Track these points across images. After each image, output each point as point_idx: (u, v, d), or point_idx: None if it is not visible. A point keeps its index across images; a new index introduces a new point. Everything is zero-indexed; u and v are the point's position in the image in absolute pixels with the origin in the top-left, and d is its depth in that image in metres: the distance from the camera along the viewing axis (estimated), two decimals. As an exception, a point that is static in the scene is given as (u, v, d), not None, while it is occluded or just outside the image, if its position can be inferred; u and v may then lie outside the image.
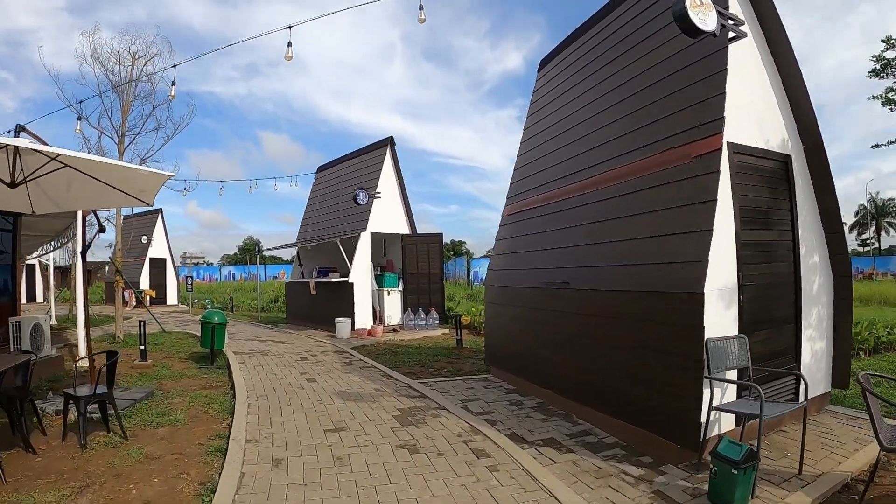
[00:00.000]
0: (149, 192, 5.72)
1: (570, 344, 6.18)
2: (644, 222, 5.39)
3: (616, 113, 6.35)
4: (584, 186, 6.53)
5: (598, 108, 6.73)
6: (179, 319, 19.35)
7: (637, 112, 5.97)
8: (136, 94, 13.56)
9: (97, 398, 5.40)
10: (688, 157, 5.09)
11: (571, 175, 6.90)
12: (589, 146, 6.71)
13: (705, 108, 5.05)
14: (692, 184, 4.96)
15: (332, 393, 7.08)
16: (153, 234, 26.45)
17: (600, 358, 5.66)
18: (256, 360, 9.66)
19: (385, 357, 10.19)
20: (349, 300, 13.44)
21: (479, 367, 9.05)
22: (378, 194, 14.04)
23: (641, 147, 5.73)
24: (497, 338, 8.19)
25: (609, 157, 6.24)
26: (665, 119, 5.51)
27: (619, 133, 6.17)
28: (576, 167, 6.85)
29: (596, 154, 6.51)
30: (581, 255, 6.21)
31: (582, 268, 6.12)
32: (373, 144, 15.17)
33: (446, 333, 13.84)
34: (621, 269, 5.50)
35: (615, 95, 6.43)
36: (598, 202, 6.19)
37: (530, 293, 7.10)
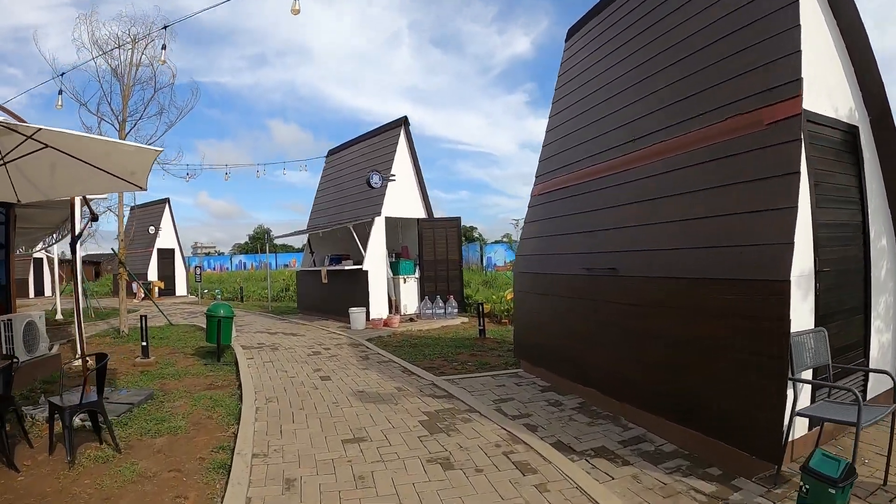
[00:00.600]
0: (140, 174, 5.05)
1: (618, 338, 5.48)
2: (707, 199, 4.65)
3: (665, 78, 5.58)
4: (630, 161, 5.79)
5: (642, 74, 5.97)
6: (187, 311, 18.85)
7: (691, 77, 5.21)
8: (136, 79, 12.94)
9: (84, 408, 4.77)
10: (760, 124, 4.33)
11: (613, 149, 6.15)
12: (633, 117, 5.95)
13: (778, 68, 4.30)
14: (768, 154, 4.22)
15: (348, 393, 6.44)
16: (161, 224, 25.98)
17: (655, 354, 4.95)
18: (266, 356, 9.05)
19: (404, 350, 9.54)
20: (363, 289, 12.80)
21: (506, 361, 8.39)
22: (393, 177, 13.33)
23: (699, 115, 4.97)
24: (528, 329, 7.50)
25: (658, 127, 5.49)
26: (727, 83, 4.75)
27: (670, 100, 5.42)
28: (617, 140, 6.11)
29: (642, 125, 5.76)
30: (629, 238, 5.49)
31: (631, 252, 5.39)
32: (386, 125, 14.43)
33: (465, 322, 13.19)
34: (680, 253, 4.77)
35: (663, 59, 5.66)
36: (648, 178, 5.45)
37: (568, 280, 6.39)
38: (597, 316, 5.85)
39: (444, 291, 13.87)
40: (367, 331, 11.87)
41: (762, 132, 4.31)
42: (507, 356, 8.81)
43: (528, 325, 7.54)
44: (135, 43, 12.75)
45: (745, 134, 4.46)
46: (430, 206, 14.28)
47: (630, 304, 5.30)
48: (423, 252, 13.99)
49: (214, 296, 25.93)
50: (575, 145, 7.04)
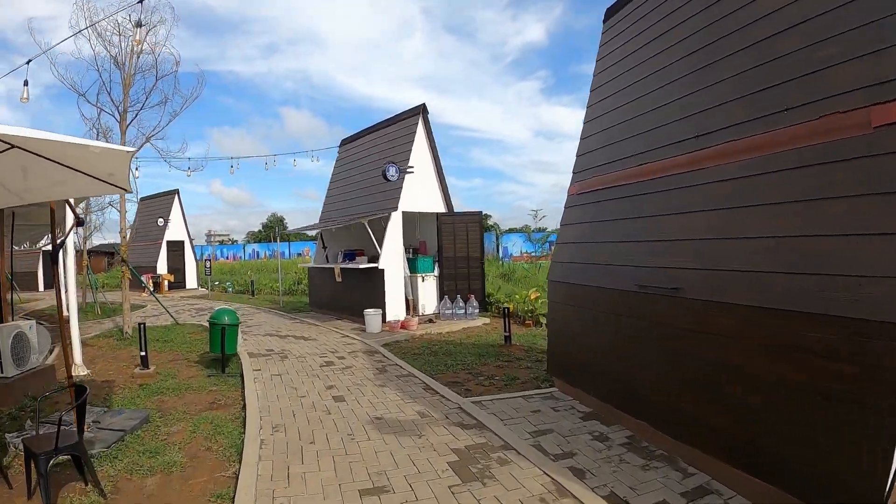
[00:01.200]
0: (119, 175, 4.40)
1: (677, 368, 4.74)
2: (802, 214, 3.86)
3: (737, 64, 4.76)
4: (695, 161, 5.00)
5: (707, 58, 5.14)
6: (196, 308, 18.35)
7: (771, 64, 4.38)
8: (138, 67, 12.29)
9: (62, 453, 4.14)
10: (866, 126, 3.52)
11: (671, 146, 5.36)
12: (697, 109, 5.14)
13: (892, 57, 3.48)
14: (879, 165, 3.42)
15: (365, 421, 5.76)
16: (170, 215, 25.50)
17: (725, 392, 4.21)
18: (274, 366, 8.42)
19: (423, 359, 8.87)
20: (380, 289, 12.12)
21: (536, 375, 7.69)
22: (411, 169, 12.58)
23: (783, 111, 4.16)
24: (565, 346, 6.77)
25: (730, 122, 4.68)
26: (820, 73, 3.94)
27: (744, 91, 4.60)
28: (678, 136, 5.31)
29: (710, 119, 4.95)
30: (696, 253, 4.71)
31: (698, 270, 4.62)
32: (403, 113, 13.65)
33: (487, 324, 12.50)
34: (765, 277, 3.98)
35: (735, 41, 4.83)
36: (720, 182, 4.65)
37: (616, 297, 5.64)
38: (651, 340, 5.11)
39: (465, 290, 13.16)
40: (383, 334, 11.21)
41: (869, 136, 3.50)
42: (536, 368, 8.12)
43: (564, 340, 6.81)
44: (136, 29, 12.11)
45: (845, 137, 3.66)
46: (450, 199, 13.52)
47: (695, 331, 4.54)
48: (443, 248, 13.26)
49: (225, 289, 25.48)
50: (621, 140, 6.25)
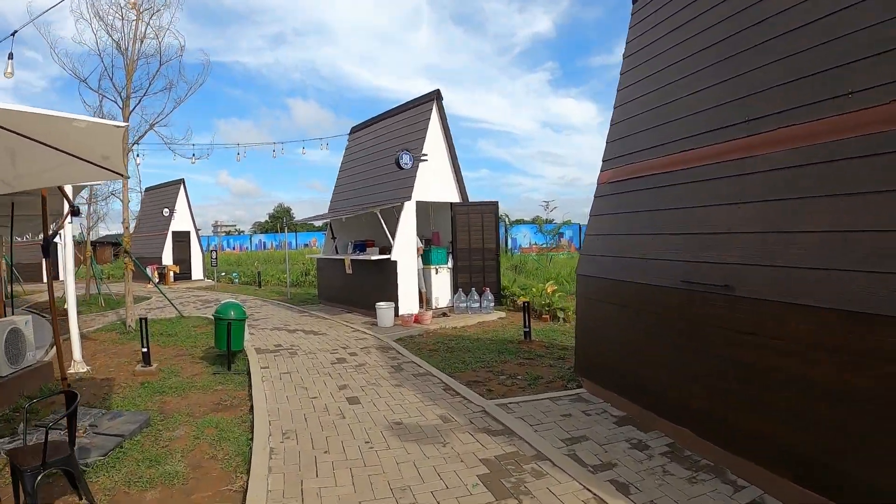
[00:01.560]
0: (114, 158, 3.97)
1: (726, 373, 4.28)
2: (877, 207, 3.37)
3: (790, 43, 4.27)
4: (748, 147, 4.51)
5: (758, 36, 4.62)
6: (202, 300, 17.98)
7: (833, 43, 3.88)
8: (141, 52, 11.84)
9: (51, 468, 3.72)
10: None
11: (718, 131, 4.87)
12: (747, 90, 4.64)
13: None
14: None
15: (383, 426, 5.32)
16: (175, 205, 25.12)
17: (784, 401, 3.75)
18: (283, 363, 8.00)
19: (440, 355, 8.43)
20: (392, 281, 11.67)
21: (560, 374, 7.25)
22: (425, 157, 12.08)
23: (847, 94, 3.66)
24: (595, 345, 6.31)
25: (787, 106, 4.18)
26: (891, 54, 3.43)
27: (801, 72, 4.10)
28: (725, 120, 4.82)
29: (763, 102, 4.45)
30: (751, 248, 4.23)
31: (754, 267, 4.14)
32: (416, 99, 13.13)
33: (503, 318, 12.05)
34: (834, 276, 3.50)
35: (792, 17, 4.31)
36: (779, 171, 4.17)
37: (656, 293, 5.17)
38: (696, 342, 4.64)
39: (480, 283, 12.70)
40: (395, 329, 10.78)
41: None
42: (559, 366, 7.68)
43: (594, 338, 6.34)
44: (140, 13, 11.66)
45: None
46: (465, 188, 13.03)
47: (748, 334, 4.07)
48: (457, 240, 12.78)
49: (231, 280, 25.14)
50: (659, 125, 5.75)
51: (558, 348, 8.92)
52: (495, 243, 12.97)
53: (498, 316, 12.13)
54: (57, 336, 5.17)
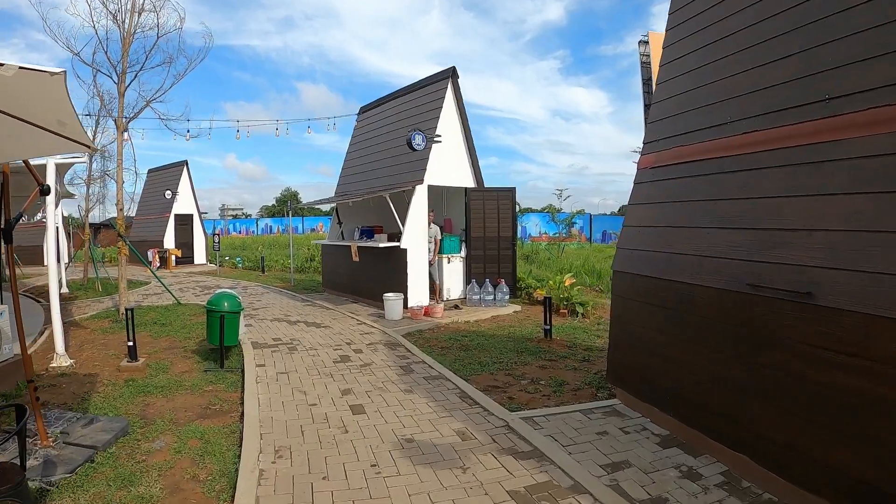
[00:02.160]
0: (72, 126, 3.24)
1: (804, 395, 3.55)
2: None
3: (886, 9, 3.48)
4: (828, 129, 3.74)
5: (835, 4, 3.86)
6: (202, 285, 17.34)
7: None
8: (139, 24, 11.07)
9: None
10: None
11: (792, 111, 4.08)
12: (822, 65, 3.88)
13: None
14: None
15: (392, 444, 4.61)
16: (178, 188, 24.46)
17: (873, 432, 3.01)
18: (280, 362, 7.29)
19: (453, 354, 7.72)
20: (401, 271, 10.93)
21: (587, 379, 6.54)
22: (438, 138, 11.27)
23: None
24: (633, 351, 5.56)
25: (880, 82, 3.42)
26: None
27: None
28: (797, 99, 4.04)
29: (848, 78, 3.67)
30: (837, 248, 3.47)
31: (842, 271, 3.38)
32: (430, 77, 12.28)
33: (518, 312, 11.32)
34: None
35: None
36: (871, 158, 3.41)
37: (710, 296, 4.42)
38: (761, 356, 3.90)
39: (494, 274, 11.93)
40: (404, 322, 10.06)
41: None
42: (584, 370, 6.97)
43: (632, 343, 5.59)
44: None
45: None
46: (480, 173, 12.23)
47: (834, 350, 3.33)
48: (471, 227, 11.99)
49: (235, 264, 24.53)
50: (714, 102, 4.96)
51: (581, 349, 8.20)
52: (511, 232, 12.18)
53: (513, 310, 11.39)
54: (21, 333, 4.49)
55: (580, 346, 8.38)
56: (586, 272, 18.20)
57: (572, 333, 9.26)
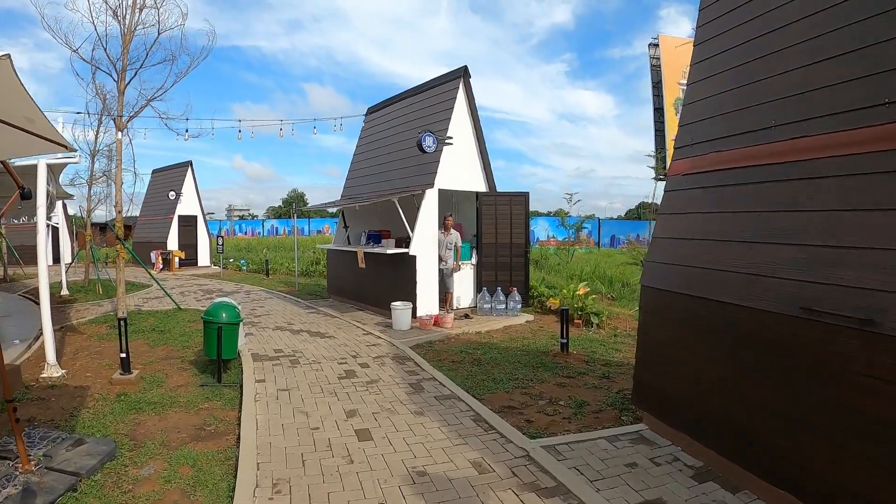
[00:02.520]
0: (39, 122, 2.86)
1: (865, 434, 3.13)
2: None
3: None
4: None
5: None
6: (204, 289, 16.98)
7: None
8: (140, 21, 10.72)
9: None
10: None
11: (853, 113, 3.66)
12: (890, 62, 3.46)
13: None
14: None
15: (402, 478, 4.18)
16: (182, 188, 24.15)
17: None
18: (281, 377, 6.88)
19: (465, 369, 7.31)
20: (410, 278, 10.52)
21: (609, 399, 6.14)
22: (450, 140, 10.86)
23: None
24: (663, 373, 5.13)
25: None
26: None
27: None
28: (863, 99, 3.61)
29: None
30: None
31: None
32: (441, 77, 11.87)
33: (531, 322, 10.90)
34: None
35: None
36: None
37: (755, 319, 4.00)
38: (813, 386, 3.48)
39: (506, 282, 11.51)
40: (412, 333, 9.64)
41: None
42: (605, 388, 6.58)
43: (662, 365, 5.16)
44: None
45: None
46: (492, 177, 11.80)
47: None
48: (482, 233, 11.57)
49: (239, 267, 24.20)
50: (757, 104, 4.54)
51: (600, 364, 7.77)
52: (524, 238, 11.74)
53: (525, 319, 10.97)
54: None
55: (598, 360, 7.96)
56: (597, 278, 17.75)
57: (589, 346, 8.84)
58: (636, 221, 56.06)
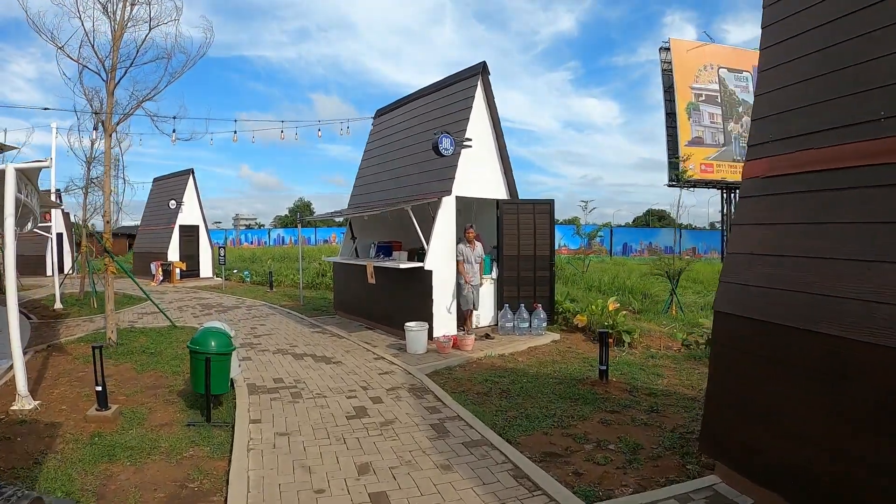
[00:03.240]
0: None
1: None
2: None
3: None
4: None
5: None
6: (204, 303, 16.12)
7: None
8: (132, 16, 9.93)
9: None
10: None
11: None
12: None
13: None
14: None
15: (430, 567, 3.26)
16: (183, 197, 23.39)
17: None
18: (280, 416, 5.93)
19: (494, 403, 6.40)
20: (426, 296, 9.59)
21: (665, 441, 5.29)
22: (469, 142, 9.94)
23: None
24: (743, 419, 4.19)
25: None
26: None
27: None
28: None
29: None
30: None
31: None
32: (457, 74, 10.94)
33: (557, 342, 9.98)
34: None
35: None
36: None
37: (882, 358, 3.06)
38: None
39: (529, 298, 10.54)
40: (429, 356, 8.69)
41: None
42: (657, 425, 5.73)
43: (741, 409, 4.22)
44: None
45: None
46: (514, 183, 10.87)
47: None
48: (503, 245, 10.61)
49: (243, 278, 23.35)
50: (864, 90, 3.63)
51: (643, 393, 6.84)
52: (549, 250, 10.79)
53: (551, 339, 10.03)
54: None
55: (641, 389, 7.03)
56: (616, 289, 16.85)
57: (627, 371, 7.90)
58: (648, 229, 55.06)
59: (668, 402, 6.56)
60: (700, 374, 7.71)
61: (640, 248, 42.54)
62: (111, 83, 10.05)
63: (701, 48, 33.07)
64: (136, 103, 10.47)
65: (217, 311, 14.23)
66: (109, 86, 10.07)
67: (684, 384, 7.39)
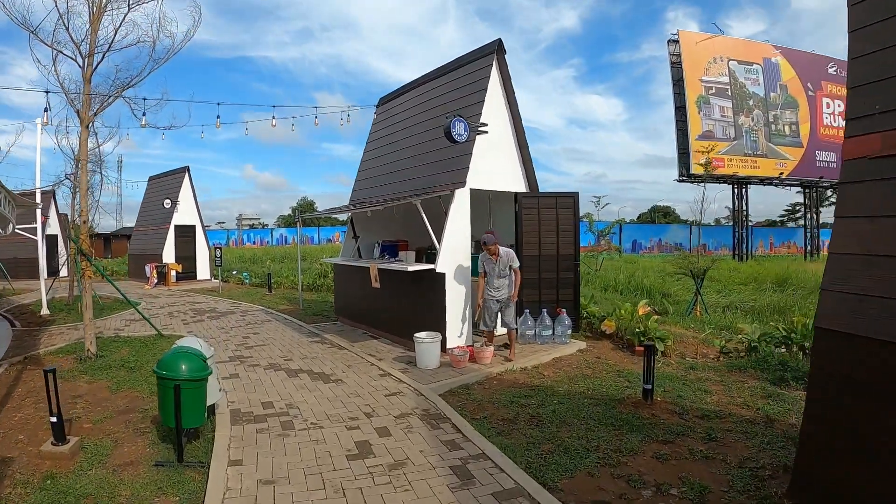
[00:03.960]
0: None
1: None
2: None
3: None
4: None
5: None
6: (196, 308, 15.21)
7: None
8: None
9: None
10: None
11: None
12: None
13: None
14: None
15: None
16: (179, 196, 22.49)
17: None
18: (266, 455, 4.95)
19: (523, 434, 5.43)
20: (437, 302, 8.58)
21: (734, 479, 4.45)
22: (485, 127, 8.92)
23: None
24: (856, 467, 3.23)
25: None
26: None
27: None
28: None
29: None
30: None
31: None
32: (470, 54, 9.89)
33: (583, 351, 9.00)
34: None
35: None
36: None
37: None
38: None
39: (552, 302, 9.54)
40: (443, 372, 7.70)
41: None
42: (719, 458, 4.83)
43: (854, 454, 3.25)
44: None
45: None
46: (534, 174, 9.85)
47: None
48: (523, 243, 9.55)
49: (241, 280, 22.45)
50: None
51: (695, 415, 5.90)
52: (574, 249, 9.76)
53: (577, 348, 9.04)
54: None
55: (691, 410, 6.08)
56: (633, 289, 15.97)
57: (670, 387, 6.94)
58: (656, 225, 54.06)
59: (725, 426, 5.60)
60: (750, 390, 6.80)
61: (649, 244, 41.73)
62: (88, 69, 9.15)
63: (710, 40, 32.17)
64: (116, 91, 9.60)
65: (209, 318, 13.29)
66: (86, 72, 9.17)
67: (736, 402, 6.43)
